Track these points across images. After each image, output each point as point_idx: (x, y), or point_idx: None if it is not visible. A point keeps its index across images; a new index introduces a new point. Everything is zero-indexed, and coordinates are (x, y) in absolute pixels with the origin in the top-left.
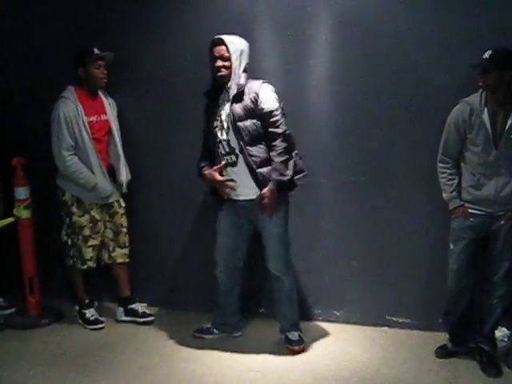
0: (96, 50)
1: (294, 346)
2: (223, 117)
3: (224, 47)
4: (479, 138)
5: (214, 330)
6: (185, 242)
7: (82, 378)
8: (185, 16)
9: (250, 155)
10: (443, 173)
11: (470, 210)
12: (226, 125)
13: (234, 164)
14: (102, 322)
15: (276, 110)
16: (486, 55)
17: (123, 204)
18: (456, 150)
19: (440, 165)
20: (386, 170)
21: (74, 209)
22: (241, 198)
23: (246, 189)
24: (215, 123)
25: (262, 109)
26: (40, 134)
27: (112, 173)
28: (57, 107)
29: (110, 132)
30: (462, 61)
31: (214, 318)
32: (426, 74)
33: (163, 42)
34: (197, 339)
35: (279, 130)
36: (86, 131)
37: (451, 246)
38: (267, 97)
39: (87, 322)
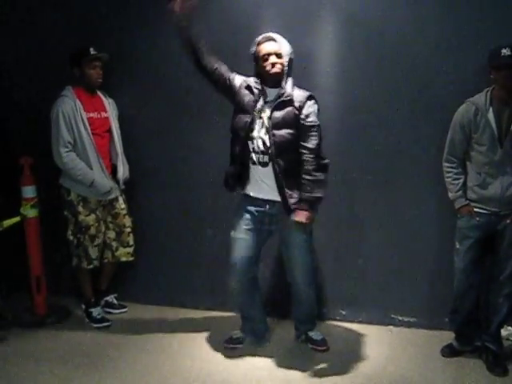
0: (92, 50)
1: (319, 347)
2: (265, 116)
3: (278, 45)
4: (485, 137)
5: (246, 339)
6: (187, 240)
7: (89, 376)
8: (192, 16)
9: (278, 165)
10: (449, 172)
11: (475, 209)
12: (266, 124)
13: (265, 164)
14: (108, 321)
15: (318, 126)
16: (507, 52)
17: (123, 205)
18: (461, 149)
19: (445, 164)
20: (392, 170)
21: (80, 208)
22: (267, 197)
23: (273, 191)
24: (254, 116)
25: (305, 120)
26: (47, 133)
27: (113, 170)
28: (55, 105)
29: (110, 130)
30: (468, 60)
31: (243, 325)
32: (433, 73)
33: (167, 41)
34: (228, 350)
35: (311, 146)
36: (85, 127)
37: (457, 245)
38: (313, 110)
39: (94, 320)
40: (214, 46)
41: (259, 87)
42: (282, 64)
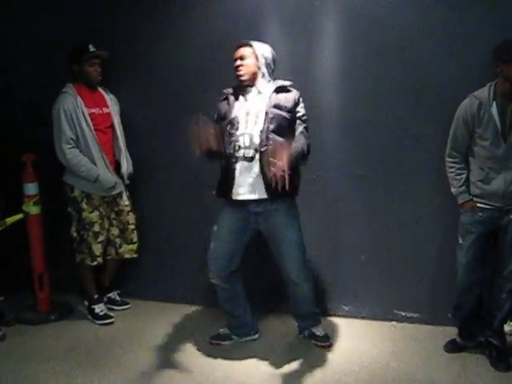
0: (91, 47)
1: (322, 343)
2: (252, 111)
3: (246, 48)
4: (488, 131)
5: (232, 336)
6: (190, 236)
7: (92, 373)
8: (192, 13)
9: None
10: (451, 167)
11: (478, 205)
12: (252, 119)
13: (250, 159)
14: (111, 318)
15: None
16: None
17: (127, 202)
18: (464, 144)
19: (448, 159)
20: (394, 165)
21: (84, 205)
22: (252, 197)
23: (259, 186)
24: (237, 115)
25: (300, 112)
26: (49, 130)
27: (117, 165)
28: (56, 102)
29: (113, 125)
30: (471, 55)
31: (229, 322)
32: (435, 67)
33: (170, 38)
34: (213, 346)
35: (307, 132)
36: (87, 122)
37: (460, 241)
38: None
39: (96, 317)
40: (214, 44)
41: (231, 91)
42: (245, 66)
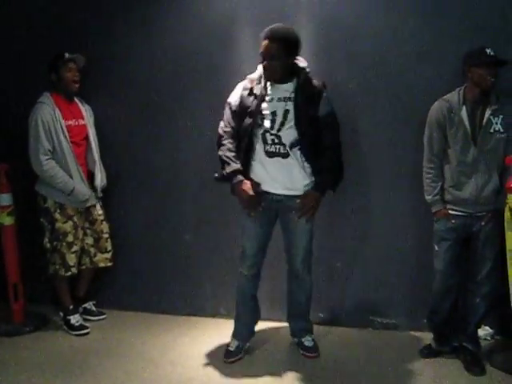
0: (67, 55)
1: (308, 353)
2: (278, 111)
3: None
4: (458, 135)
5: (244, 346)
6: (164, 245)
7: None
8: (165, 18)
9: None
10: (429, 173)
11: (451, 212)
12: (280, 119)
13: (285, 155)
14: (86, 328)
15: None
16: (492, 52)
17: (100, 211)
18: (441, 147)
19: (426, 165)
20: (370, 171)
21: (58, 215)
22: (280, 191)
23: (288, 183)
24: (266, 114)
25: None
26: (23, 140)
27: (90, 177)
28: (34, 112)
29: (87, 137)
30: (443, 61)
31: (237, 330)
32: (408, 74)
33: (142, 45)
34: (229, 364)
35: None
36: (64, 135)
37: (436, 248)
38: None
39: (72, 328)
40: (189, 49)
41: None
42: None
